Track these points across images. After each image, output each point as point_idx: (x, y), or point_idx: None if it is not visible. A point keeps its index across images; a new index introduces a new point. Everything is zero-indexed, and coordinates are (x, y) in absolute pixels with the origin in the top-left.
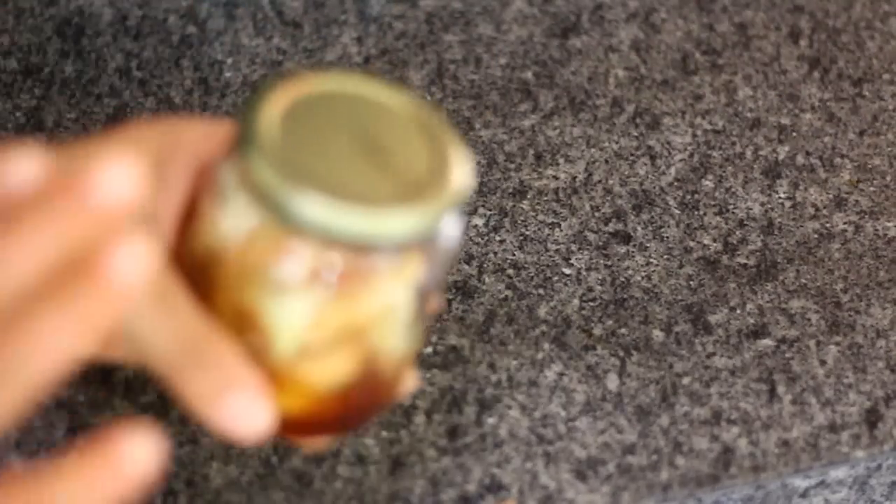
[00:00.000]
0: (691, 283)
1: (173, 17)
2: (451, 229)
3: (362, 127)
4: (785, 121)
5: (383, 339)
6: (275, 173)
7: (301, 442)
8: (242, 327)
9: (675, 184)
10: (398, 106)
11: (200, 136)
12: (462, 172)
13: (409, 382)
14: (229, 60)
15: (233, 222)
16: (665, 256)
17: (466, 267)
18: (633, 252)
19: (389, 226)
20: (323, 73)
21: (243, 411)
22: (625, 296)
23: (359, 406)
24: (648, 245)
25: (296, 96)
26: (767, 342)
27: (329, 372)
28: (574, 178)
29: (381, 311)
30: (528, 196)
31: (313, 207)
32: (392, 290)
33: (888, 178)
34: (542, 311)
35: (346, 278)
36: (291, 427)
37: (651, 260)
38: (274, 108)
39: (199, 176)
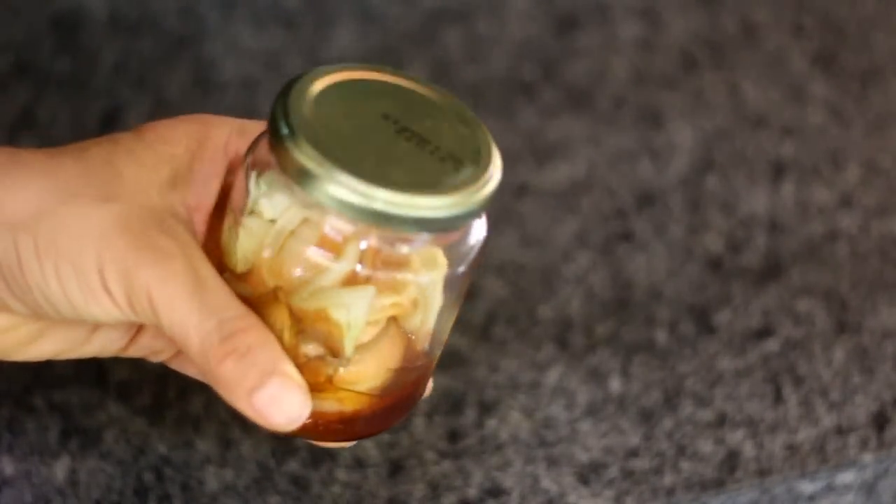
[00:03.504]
0: (695, 283)
1: (170, 15)
2: (478, 228)
3: (395, 112)
4: (790, 119)
5: (419, 334)
6: (317, 155)
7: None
8: (311, 335)
9: (679, 183)
10: (429, 95)
11: (229, 132)
12: (495, 167)
13: (427, 387)
14: (227, 59)
15: (269, 230)
16: (668, 256)
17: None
18: (635, 252)
19: (427, 212)
20: (350, 66)
21: (280, 399)
22: (627, 296)
23: (398, 403)
24: (651, 245)
25: (325, 85)
26: (773, 343)
27: (379, 366)
28: (575, 176)
29: (416, 302)
30: (529, 195)
31: (356, 188)
32: (425, 282)
33: (895, 177)
34: (543, 312)
35: (385, 266)
36: (336, 431)
37: (654, 260)
38: (305, 98)
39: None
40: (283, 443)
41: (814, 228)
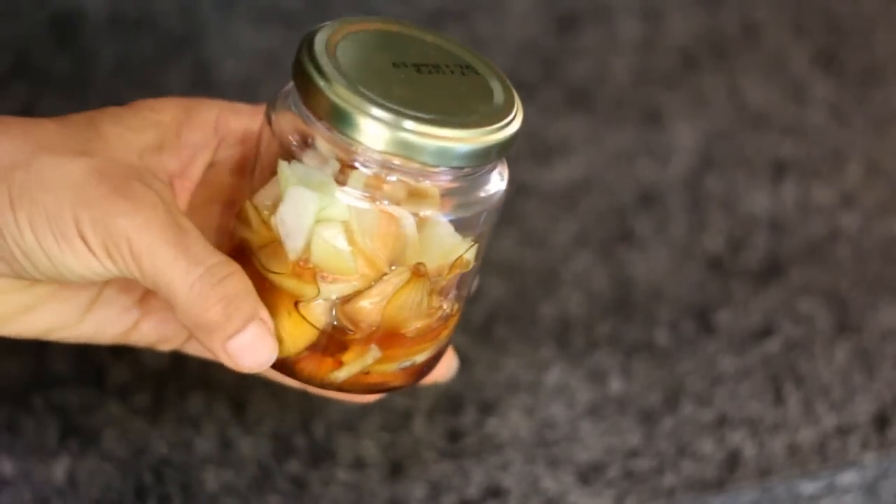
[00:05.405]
0: (695, 283)
1: (170, 15)
2: (498, 178)
3: (415, 57)
4: (790, 119)
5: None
6: (352, 95)
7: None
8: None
9: (679, 183)
10: (447, 44)
11: (220, 109)
12: (515, 110)
13: (450, 364)
14: (227, 59)
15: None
16: (668, 256)
17: None
18: (635, 252)
19: (457, 146)
20: (351, 20)
21: (253, 345)
22: (627, 296)
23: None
24: (651, 245)
25: (343, 35)
26: (773, 343)
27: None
28: (575, 176)
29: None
30: (529, 195)
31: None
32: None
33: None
34: (543, 312)
35: (415, 200)
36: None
37: (654, 259)
38: (325, 49)
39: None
40: (282, 443)
41: (814, 228)
